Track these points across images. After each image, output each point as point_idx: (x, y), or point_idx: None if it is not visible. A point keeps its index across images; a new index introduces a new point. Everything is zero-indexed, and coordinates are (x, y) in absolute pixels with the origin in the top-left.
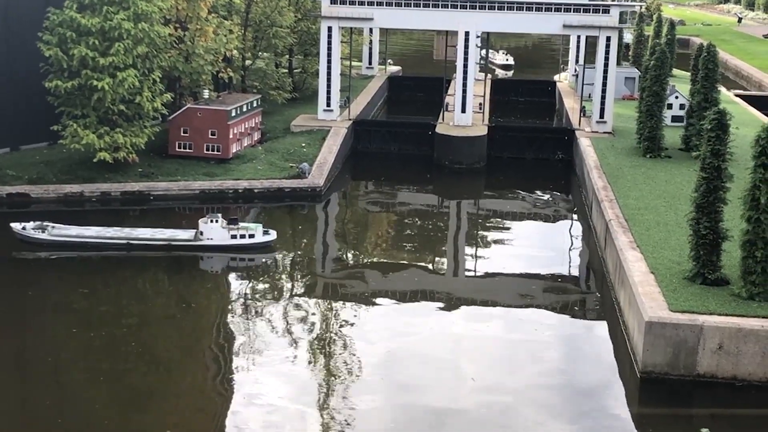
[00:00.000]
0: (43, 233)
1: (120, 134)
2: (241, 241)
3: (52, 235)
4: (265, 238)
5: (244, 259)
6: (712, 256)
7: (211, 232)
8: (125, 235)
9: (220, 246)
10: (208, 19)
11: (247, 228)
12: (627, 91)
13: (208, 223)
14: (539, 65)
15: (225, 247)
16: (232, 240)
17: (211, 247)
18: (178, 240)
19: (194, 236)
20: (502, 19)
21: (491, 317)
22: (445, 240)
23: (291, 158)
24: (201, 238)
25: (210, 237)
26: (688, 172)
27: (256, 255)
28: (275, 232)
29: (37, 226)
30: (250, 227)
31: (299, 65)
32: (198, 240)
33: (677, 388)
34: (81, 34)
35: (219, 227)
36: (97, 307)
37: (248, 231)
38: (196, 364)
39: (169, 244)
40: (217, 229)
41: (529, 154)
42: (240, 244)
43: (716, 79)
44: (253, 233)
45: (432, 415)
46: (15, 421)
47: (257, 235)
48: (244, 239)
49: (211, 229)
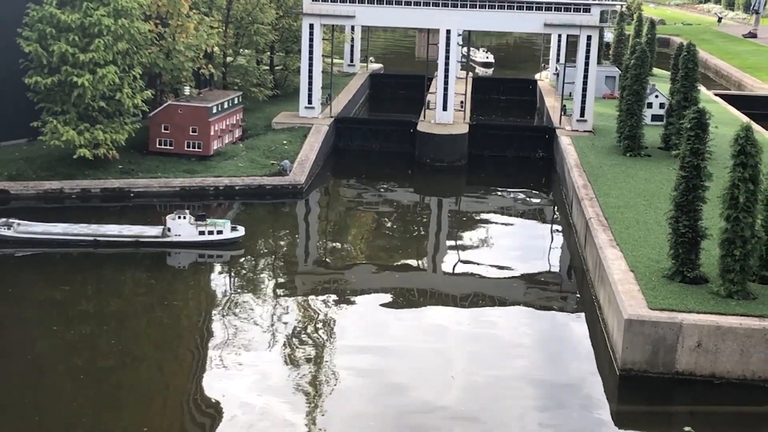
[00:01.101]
0: (8, 230)
1: (100, 131)
2: (209, 238)
3: (17, 232)
4: (233, 234)
5: (213, 255)
6: (691, 255)
7: (178, 228)
8: (92, 232)
9: (188, 242)
10: (189, 16)
11: (215, 224)
12: (607, 90)
13: (175, 220)
14: (520, 64)
15: (193, 243)
16: (200, 236)
17: (178, 243)
18: (146, 237)
19: (162, 233)
20: (483, 18)
21: (471, 315)
22: (426, 237)
23: (272, 155)
24: (169, 234)
25: (178, 233)
26: (668, 170)
27: (225, 251)
28: (243, 228)
29: (2, 223)
30: (218, 223)
31: (281, 62)
32: (166, 236)
33: (656, 385)
34: (61, 30)
35: (187, 223)
36: (74, 305)
37: (216, 227)
38: (174, 362)
39: (137, 240)
40: (184, 225)
41: (509, 152)
42: (208, 241)
43: (696, 79)
44: (221, 229)
45: (411, 411)
46: None
47: (225, 231)
48: (212, 235)
49: (178, 225)
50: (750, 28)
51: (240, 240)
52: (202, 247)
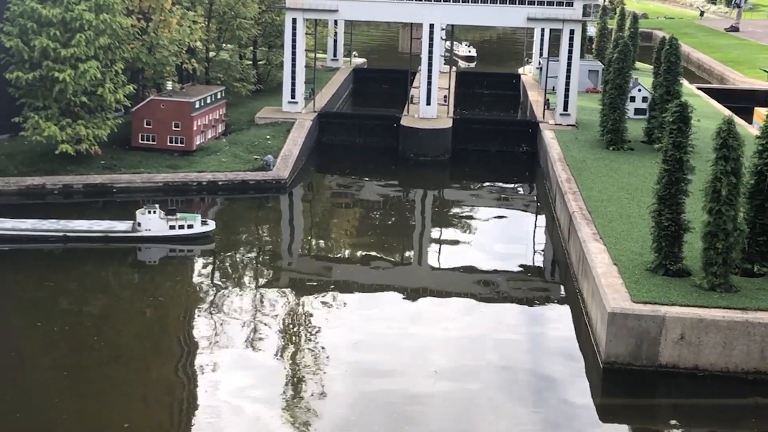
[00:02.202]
0: None
1: (82, 126)
2: (180, 232)
3: None
4: (203, 228)
5: (184, 250)
6: (674, 248)
7: (148, 223)
8: (61, 228)
9: (159, 237)
10: (171, 10)
11: (185, 218)
12: (590, 84)
13: (145, 214)
14: (504, 58)
15: (163, 238)
16: (170, 231)
17: (149, 238)
18: (116, 232)
19: (132, 227)
20: (466, 12)
21: (455, 308)
22: (410, 232)
23: (255, 150)
24: (139, 229)
25: (148, 228)
26: (651, 164)
27: (195, 245)
28: (214, 222)
29: None
30: (188, 217)
31: (263, 57)
32: (136, 231)
33: (640, 378)
34: (42, 25)
35: (157, 218)
36: (55, 301)
37: (186, 221)
38: (157, 357)
39: (107, 236)
40: (155, 220)
41: (493, 146)
42: (178, 235)
43: (678, 72)
44: (191, 224)
45: (395, 405)
46: None
47: (196, 226)
48: (182, 230)
49: (148, 220)
50: (732, 21)
51: (211, 234)
52: (172, 242)
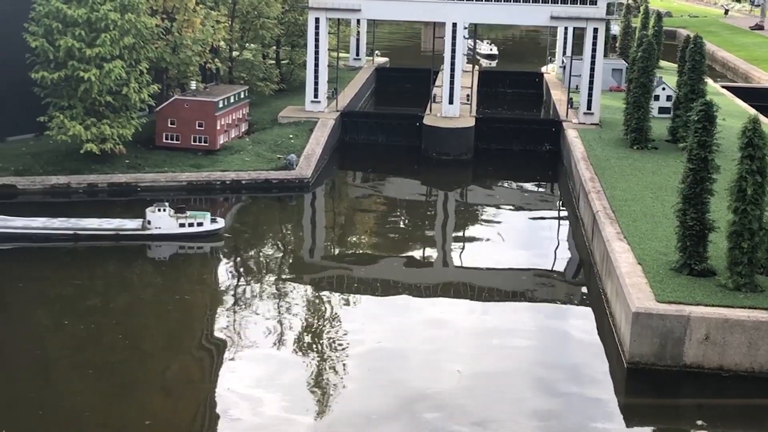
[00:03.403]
0: None
1: (107, 125)
2: (190, 230)
3: None
4: (213, 226)
5: (193, 247)
6: (699, 247)
7: (159, 221)
8: (72, 226)
9: (169, 235)
10: (195, 10)
11: (195, 216)
12: (614, 83)
13: (155, 212)
14: (526, 57)
15: (173, 235)
16: (180, 228)
17: (159, 236)
18: (126, 230)
19: (142, 225)
20: (489, 11)
21: (477, 308)
22: (433, 231)
23: (278, 149)
24: (149, 227)
25: (158, 226)
26: (675, 163)
27: (205, 243)
28: (223, 220)
29: None
30: (198, 215)
31: (286, 56)
32: (146, 229)
33: (664, 378)
34: (67, 25)
35: (167, 216)
36: (80, 299)
37: (196, 219)
38: (181, 355)
39: (117, 234)
40: (165, 218)
41: (516, 145)
42: (188, 233)
43: (703, 71)
44: (201, 221)
45: (418, 403)
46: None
47: (205, 224)
48: (192, 227)
49: (159, 218)
50: (757, 20)
51: (220, 232)
52: (182, 240)
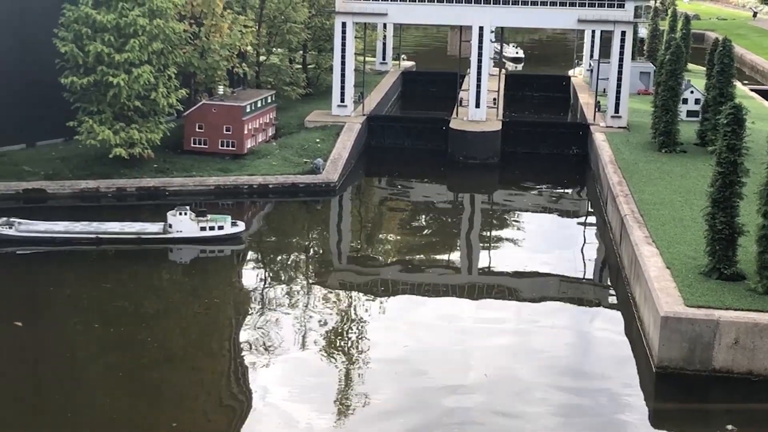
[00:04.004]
0: (10, 229)
1: (135, 130)
2: (210, 233)
3: (19, 231)
4: (233, 229)
5: (214, 251)
6: (728, 251)
7: (180, 224)
8: (94, 230)
9: (190, 238)
10: (223, 15)
11: (216, 220)
12: (642, 86)
13: (177, 216)
14: (553, 60)
15: (194, 239)
16: (201, 232)
17: (180, 239)
18: (148, 233)
19: (163, 229)
20: (516, 14)
21: (505, 312)
22: (459, 234)
23: (305, 154)
24: (170, 230)
25: (179, 229)
26: (704, 167)
27: (226, 246)
28: (243, 223)
29: (3, 223)
30: (219, 219)
31: (313, 61)
32: (167, 233)
33: (693, 383)
34: (96, 31)
35: (188, 219)
36: (109, 302)
37: (217, 223)
38: (208, 358)
39: (139, 237)
40: (186, 221)
41: (543, 149)
42: (209, 236)
43: (732, 74)
44: (222, 225)
45: (445, 408)
46: (23, 416)
47: (226, 227)
48: (213, 231)
49: (180, 221)
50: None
51: (241, 235)
52: (203, 243)
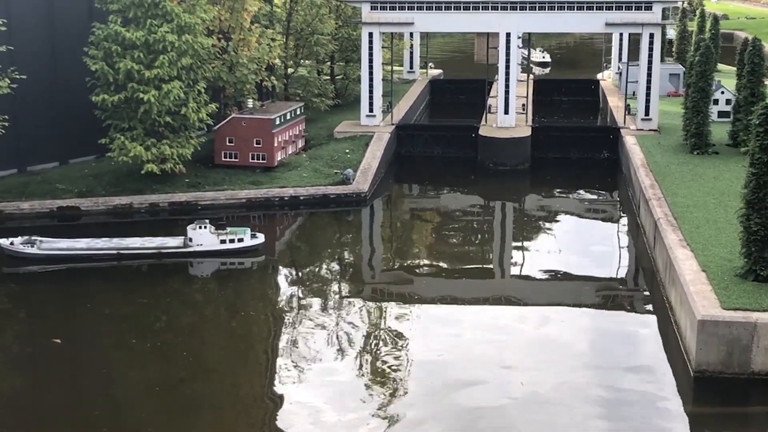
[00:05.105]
0: (32, 248)
1: (167, 146)
2: (230, 246)
3: (41, 249)
4: (253, 241)
5: (234, 263)
6: (764, 253)
7: (200, 238)
8: (115, 246)
9: (210, 251)
10: (250, 29)
11: (236, 232)
12: (672, 88)
13: (196, 230)
14: (581, 64)
15: (214, 252)
16: (221, 245)
17: (200, 252)
18: (168, 248)
19: (183, 243)
20: (543, 19)
21: (539, 317)
22: (492, 242)
23: (335, 164)
24: (190, 244)
25: (199, 243)
26: (737, 168)
27: (246, 258)
28: (263, 235)
29: (25, 241)
30: (239, 231)
31: (341, 72)
32: (188, 246)
33: (732, 386)
34: (126, 48)
35: (208, 233)
36: (144, 317)
37: (237, 235)
38: (244, 371)
39: (159, 252)
40: (206, 234)
41: (573, 153)
42: (229, 249)
43: (762, 74)
44: (242, 237)
45: (482, 418)
46: (63, 430)
47: (246, 240)
48: (233, 244)
49: (200, 235)
50: None
51: (260, 247)
52: (223, 256)
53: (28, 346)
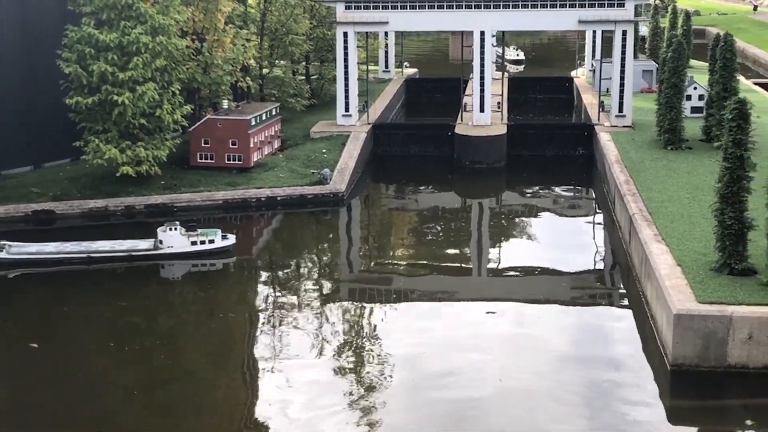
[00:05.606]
0: (0, 252)
1: (142, 148)
2: (201, 247)
3: (10, 253)
4: (224, 242)
5: (206, 264)
6: (738, 246)
7: (170, 240)
8: (85, 249)
9: (181, 253)
10: (225, 30)
11: (207, 233)
12: (645, 84)
13: (167, 231)
14: (555, 61)
15: (185, 254)
16: (192, 246)
17: (171, 255)
18: (138, 250)
19: (154, 245)
20: (517, 17)
21: (517, 314)
22: (469, 240)
23: (312, 165)
24: (161, 246)
25: (170, 245)
26: (710, 162)
27: (217, 260)
28: (234, 236)
29: None
30: (209, 233)
31: (316, 72)
32: (158, 249)
33: (708, 379)
34: (99, 50)
35: (178, 235)
36: (121, 320)
37: (207, 236)
38: (223, 373)
39: (130, 254)
40: (176, 236)
41: (549, 151)
42: (200, 250)
43: (735, 69)
44: (212, 238)
45: (460, 413)
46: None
47: (217, 240)
48: (204, 245)
49: (170, 237)
50: None
51: (231, 248)
52: (194, 258)
53: (3, 351)
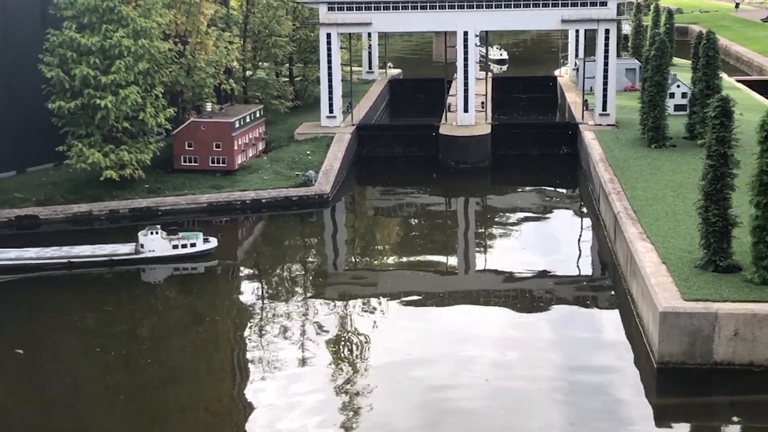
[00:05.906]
0: None
1: (125, 151)
2: (183, 251)
3: None
4: (206, 246)
5: (187, 268)
6: (723, 243)
7: (151, 243)
8: (65, 254)
9: (162, 257)
10: (207, 32)
11: (188, 237)
12: (628, 83)
13: (148, 235)
14: (539, 61)
15: (167, 258)
16: (173, 250)
17: (153, 259)
18: (120, 255)
19: (135, 249)
20: (500, 17)
21: (503, 314)
22: (455, 239)
23: (296, 166)
24: (142, 250)
25: (151, 249)
26: (694, 160)
27: (198, 263)
28: (216, 239)
29: None
30: (191, 236)
31: (300, 73)
32: (139, 253)
33: (695, 376)
34: (81, 54)
35: (159, 238)
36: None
37: (189, 240)
38: (210, 376)
39: (111, 259)
40: (157, 240)
41: (533, 150)
42: (181, 254)
43: (717, 66)
44: (194, 242)
45: (445, 414)
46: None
47: (198, 244)
48: (185, 248)
49: (151, 241)
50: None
51: (212, 251)
52: (176, 261)
53: None
